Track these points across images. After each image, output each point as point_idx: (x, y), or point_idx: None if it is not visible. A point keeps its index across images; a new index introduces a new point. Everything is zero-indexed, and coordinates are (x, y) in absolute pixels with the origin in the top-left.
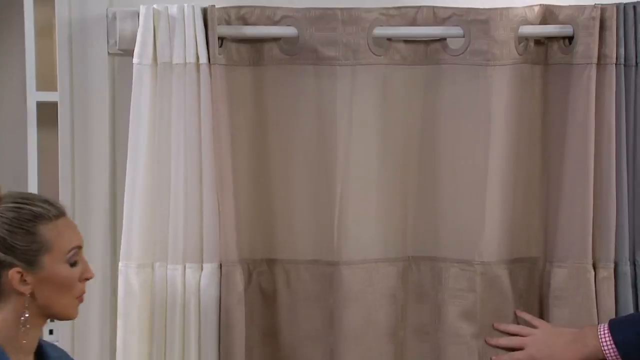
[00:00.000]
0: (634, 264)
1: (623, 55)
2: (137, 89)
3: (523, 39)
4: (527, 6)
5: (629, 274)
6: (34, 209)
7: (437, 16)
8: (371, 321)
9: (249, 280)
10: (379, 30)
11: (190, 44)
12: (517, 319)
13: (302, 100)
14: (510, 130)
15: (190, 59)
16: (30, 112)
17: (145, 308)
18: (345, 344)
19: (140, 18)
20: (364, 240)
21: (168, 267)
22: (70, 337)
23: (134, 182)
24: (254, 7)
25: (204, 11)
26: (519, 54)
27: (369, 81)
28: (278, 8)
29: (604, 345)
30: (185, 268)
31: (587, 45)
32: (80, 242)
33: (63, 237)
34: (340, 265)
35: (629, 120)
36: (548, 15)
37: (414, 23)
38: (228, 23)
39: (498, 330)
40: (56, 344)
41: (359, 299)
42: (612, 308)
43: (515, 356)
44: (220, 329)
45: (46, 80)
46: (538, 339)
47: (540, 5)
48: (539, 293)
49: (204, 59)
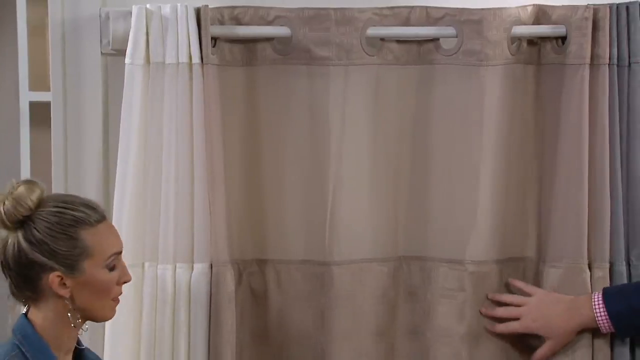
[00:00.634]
0: (629, 264)
1: (616, 56)
2: (129, 89)
3: (516, 39)
4: (520, 6)
5: (624, 274)
6: (76, 214)
7: (430, 16)
8: (362, 321)
9: (239, 281)
10: (372, 31)
11: (183, 44)
12: (511, 288)
13: (295, 100)
14: (503, 131)
15: (183, 59)
16: (22, 112)
17: (135, 308)
18: (335, 344)
19: (133, 18)
20: (355, 240)
21: (158, 267)
22: None
23: (125, 182)
24: (248, 7)
25: (197, 11)
26: (512, 54)
27: (362, 81)
28: (271, 8)
29: (597, 315)
30: (175, 268)
31: (580, 46)
32: (120, 247)
33: (104, 243)
34: (331, 266)
35: (622, 120)
36: (541, 15)
37: (407, 23)
38: (221, 23)
39: (492, 300)
40: None
41: (349, 298)
42: None
43: (511, 326)
44: (211, 329)
45: (39, 80)
46: (533, 308)
47: (534, 5)
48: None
49: (196, 59)
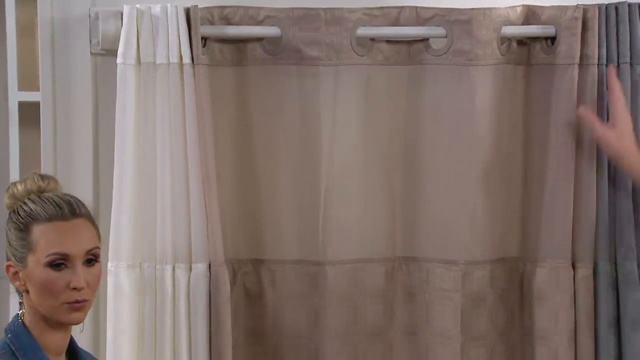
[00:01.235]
0: (615, 264)
1: (605, 56)
2: (122, 90)
3: (506, 39)
4: (510, 6)
5: (609, 274)
6: (35, 207)
7: (420, 16)
8: (358, 321)
9: (233, 280)
10: (361, 31)
11: (173, 44)
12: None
13: (286, 100)
14: (493, 131)
15: (174, 59)
16: (12, 112)
17: (135, 308)
18: (330, 344)
19: (123, 18)
20: (350, 240)
21: (157, 268)
22: None
23: (122, 184)
24: (237, 7)
25: (187, 11)
26: (502, 54)
27: (352, 81)
28: (261, 8)
29: None
30: (174, 268)
31: (570, 46)
32: (72, 251)
33: (47, 241)
34: (325, 265)
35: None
36: (530, 15)
37: (396, 23)
38: (211, 23)
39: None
40: None
41: (344, 298)
42: (591, 307)
43: (608, 131)
44: (211, 328)
45: (28, 80)
46: (625, 129)
47: (523, 5)
48: (519, 292)
49: (187, 59)
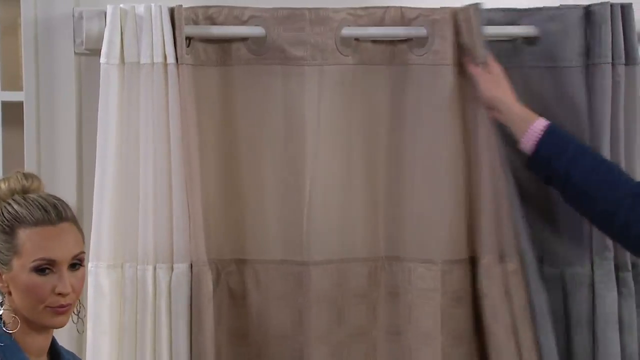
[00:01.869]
0: (542, 259)
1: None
2: (105, 89)
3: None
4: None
5: (534, 266)
6: (21, 210)
7: (405, 16)
8: (341, 321)
9: (217, 281)
10: (346, 31)
11: (157, 44)
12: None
13: (270, 100)
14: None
15: (158, 58)
16: None
17: (115, 309)
18: (314, 344)
19: (107, 17)
20: (333, 240)
21: (138, 268)
22: None
23: (103, 183)
24: (222, 7)
25: (171, 11)
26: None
27: (337, 81)
28: (246, 8)
29: (526, 136)
30: (155, 268)
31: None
32: (58, 256)
33: (35, 245)
34: (309, 265)
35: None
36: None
37: (381, 23)
38: (196, 23)
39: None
40: None
41: (328, 298)
42: (524, 299)
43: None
44: (192, 329)
45: (11, 80)
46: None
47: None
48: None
49: (171, 59)
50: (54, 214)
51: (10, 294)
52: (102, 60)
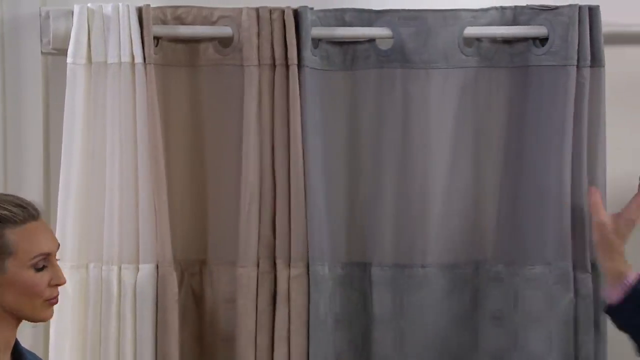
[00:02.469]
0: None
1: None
2: (71, 89)
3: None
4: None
5: (318, 274)
6: (1, 212)
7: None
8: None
9: (181, 282)
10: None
11: (125, 44)
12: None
13: (236, 100)
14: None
15: (125, 58)
16: None
17: (79, 310)
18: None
19: (74, 17)
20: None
21: (103, 268)
22: None
23: (69, 183)
24: (191, 7)
25: (139, 10)
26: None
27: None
28: (215, 8)
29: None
30: (120, 269)
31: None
32: (51, 249)
33: (29, 242)
34: (247, 267)
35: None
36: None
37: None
38: (164, 23)
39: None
40: None
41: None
42: (304, 307)
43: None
44: (157, 329)
45: None
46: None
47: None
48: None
49: (139, 59)
50: (32, 209)
51: None
52: (69, 60)
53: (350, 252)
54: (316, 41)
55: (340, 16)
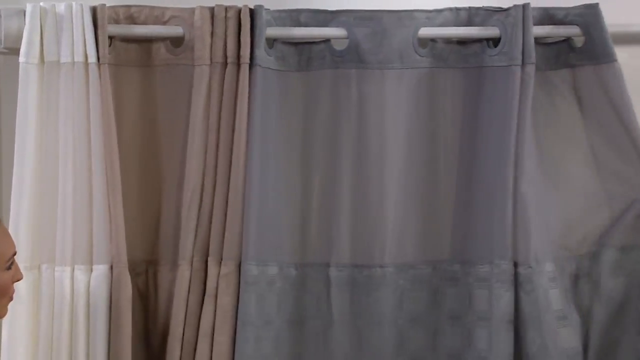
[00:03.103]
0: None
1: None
2: (24, 89)
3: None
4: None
5: (249, 273)
6: None
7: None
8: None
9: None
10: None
11: (78, 43)
12: None
13: (187, 100)
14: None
15: (79, 57)
16: None
17: (32, 311)
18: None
19: (27, 16)
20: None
21: (56, 269)
22: None
23: (21, 183)
24: (143, 7)
25: (93, 10)
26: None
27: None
28: (167, 8)
29: None
30: (74, 270)
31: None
32: (15, 248)
33: (5, 245)
34: (183, 265)
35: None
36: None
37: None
38: (116, 22)
39: None
40: None
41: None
42: (231, 305)
43: None
44: (111, 330)
45: None
46: None
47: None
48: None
49: (92, 58)
50: None
51: None
52: (21, 59)
53: (306, 253)
54: (271, 41)
55: (296, 16)
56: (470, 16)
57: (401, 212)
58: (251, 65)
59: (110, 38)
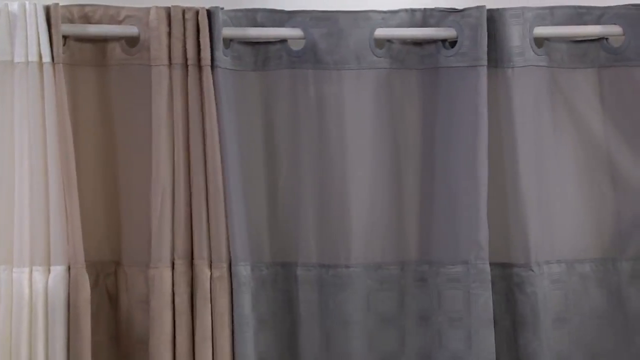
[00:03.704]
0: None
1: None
2: None
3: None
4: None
5: (241, 274)
6: None
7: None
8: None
9: (96, 283)
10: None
11: (32, 43)
12: None
13: (143, 100)
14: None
15: (33, 57)
16: None
17: None
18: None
19: None
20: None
21: (14, 270)
22: None
23: None
24: (97, 6)
25: (47, 9)
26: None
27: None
28: (122, 7)
29: None
30: (32, 271)
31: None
32: None
33: None
34: (160, 268)
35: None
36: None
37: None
38: (71, 21)
39: None
40: None
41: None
42: (227, 307)
43: None
44: (70, 331)
45: None
46: None
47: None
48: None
49: (47, 58)
50: None
51: None
52: None
53: (274, 252)
54: (227, 41)
55: (252, 16)
56: (425, 17)
57: (366, 212)
58: (212, 67)
59: (65, 37)
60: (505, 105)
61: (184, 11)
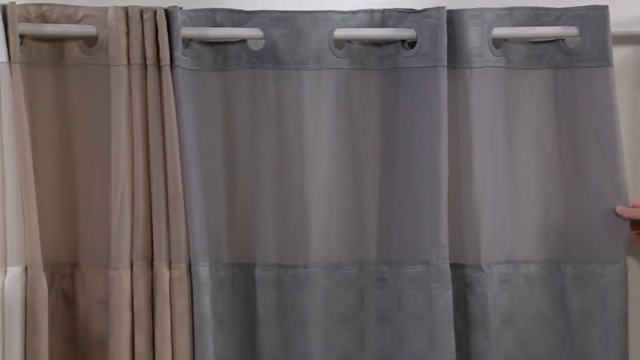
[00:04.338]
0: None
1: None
2: None
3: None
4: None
5: (201, 275)
6: None
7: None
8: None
9: (51, 284)
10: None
11: None
12: None
13: (101, 99)
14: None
15: None
16: None
17: None
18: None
19: None
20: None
21: None
22: None
23: None
24: (55, 5)
25: (3, 8)
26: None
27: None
28: (80, 7)
29: None
30: None
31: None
32: None
33: None
34: (119, 269)
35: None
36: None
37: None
38: (28, 20)
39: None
40: None
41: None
42: (186, 308)
43: None
44: (27, 333)
45: None
46: None
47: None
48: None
49: (3, 57)
50: None
51: None
52: None
53: (232, 253)
54: (187, 41)
55: (211, 16)
56: (384, 18)
57: (325, 212)
58: (172, 67)
59: (22, 37)
60: (463, 106)
61: (142, 11)
